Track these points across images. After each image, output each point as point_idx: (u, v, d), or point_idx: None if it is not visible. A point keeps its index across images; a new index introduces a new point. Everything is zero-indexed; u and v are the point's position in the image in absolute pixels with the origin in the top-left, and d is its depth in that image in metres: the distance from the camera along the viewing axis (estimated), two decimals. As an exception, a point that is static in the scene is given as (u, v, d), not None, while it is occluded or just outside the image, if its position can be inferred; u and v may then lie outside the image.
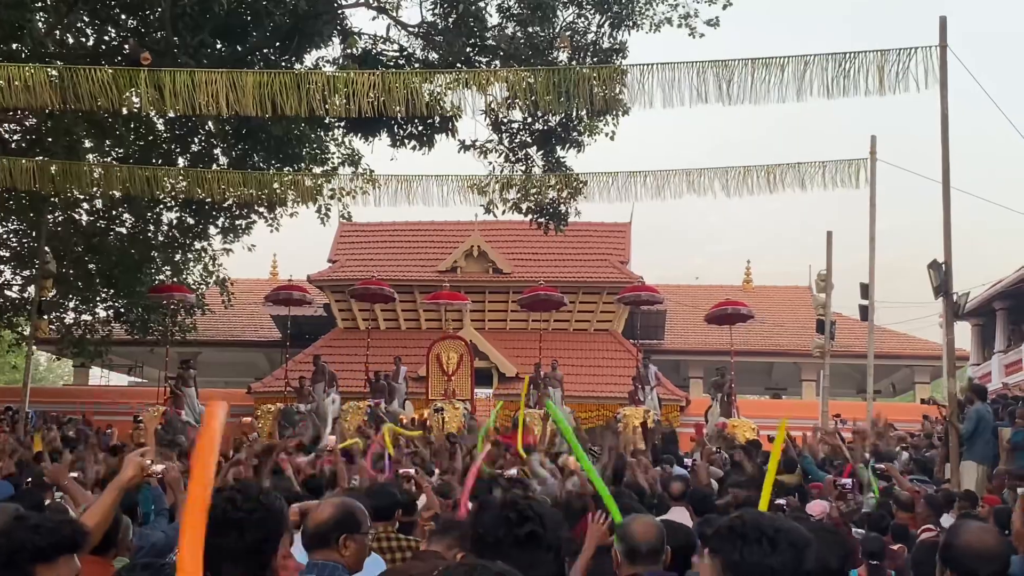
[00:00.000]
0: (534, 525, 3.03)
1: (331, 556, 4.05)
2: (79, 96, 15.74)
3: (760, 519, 2.92)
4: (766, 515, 3.03)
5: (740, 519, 2.94)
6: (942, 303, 15.11)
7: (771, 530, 2.85)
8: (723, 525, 2.98)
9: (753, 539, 2.84)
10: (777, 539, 2.83)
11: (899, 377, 37.94)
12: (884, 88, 13.89)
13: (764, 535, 2.84)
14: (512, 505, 3.13)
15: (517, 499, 3.15)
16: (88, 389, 34.73)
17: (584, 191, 20.23)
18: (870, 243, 22.56)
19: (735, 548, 2.86)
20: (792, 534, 2.86)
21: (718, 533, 2.96)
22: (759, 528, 2.86)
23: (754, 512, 3.07)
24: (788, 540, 2.84)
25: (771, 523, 2.90)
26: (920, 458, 15.58)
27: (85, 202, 27.54)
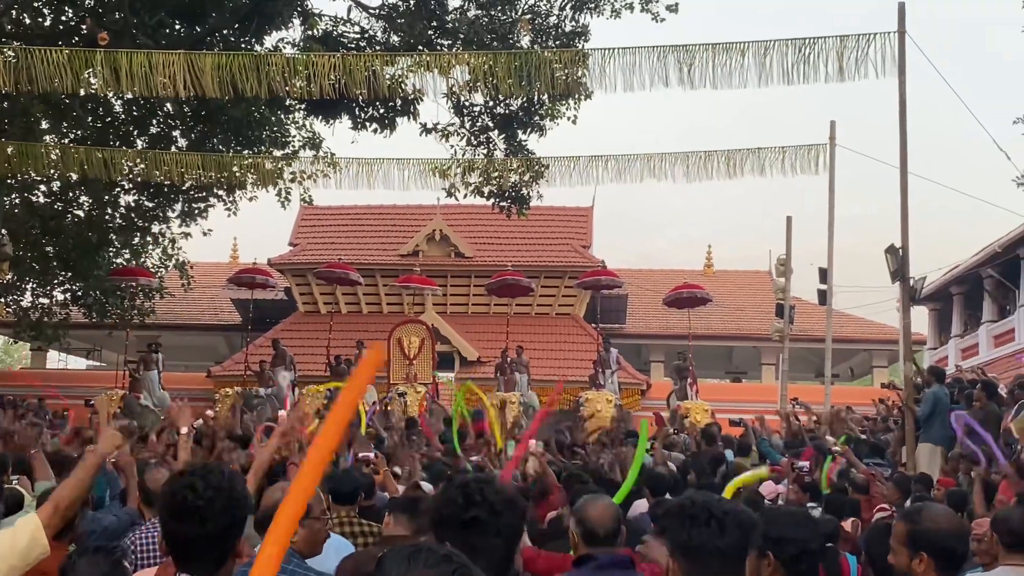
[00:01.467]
0: (479, 510, 3.02)
1: (289, 541, 4.03)
2: (34, 78, 15.57)
3: (709, 501, 2.96)
4: (715, 497, 3.07)
5: (690, 500, 2.97)
6: (899, 288, 15.25)
7: (719, 511, 2.89)
8: (673, 506, 3.02)
9: (702, 520, 2.88)
10: (725, 520, 2.87)
11: (857, 361, 38.27)
12: (844, 74, 13.99)
13: (712, 516, 2.88)
14: (462, 488, 3.13)
15: (469, 482, 3.15)
16: (45, 373, 34.41)
17: (546, 175, 20.26)
18: (829, 228, 22.73)
19: (684, 529, 2.90)
20: (740, 515, 2.91)
21: (668, 514, 3.00)
22: (707, 509, 2.90)
23: (704, 494, 3.11)
24: (736, 522, 2.88)
25: (719, 505, 2.94)
26: (875, 441, 15.71)
27: (42, 184, 27.27)
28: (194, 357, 36.35)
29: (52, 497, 4.63)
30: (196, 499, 3.26)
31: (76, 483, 4.64)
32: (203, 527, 3.24)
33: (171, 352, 30.14)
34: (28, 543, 4.38)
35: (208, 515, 3.23)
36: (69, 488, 4.62)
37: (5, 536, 4.43)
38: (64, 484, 4.72)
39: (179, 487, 3.36)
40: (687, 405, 24.69)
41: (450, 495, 3.12)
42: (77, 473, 4.66)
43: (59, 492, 4.63)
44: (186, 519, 3.27)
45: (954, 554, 3.89)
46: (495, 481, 3.17)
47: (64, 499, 4.54)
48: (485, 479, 3.20)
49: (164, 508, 3.46)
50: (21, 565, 4.38)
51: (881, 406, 20.92)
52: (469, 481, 3.16)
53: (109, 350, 36.59)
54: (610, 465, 11.25)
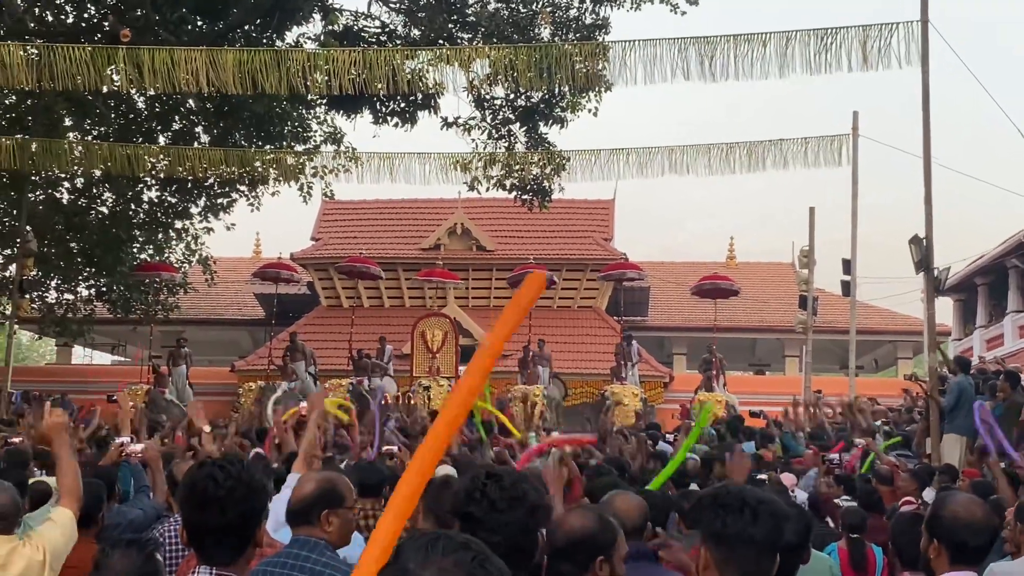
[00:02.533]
0: (476, 507, 3.06)
1: (314, 532, 4.04)
2: (56, 75, 15.64)
3: (743, 491, 2.97)
4: (748, 487, 3.08)
5: (724, 489, 2.99)
6: (923, 278, 15.17)
7: (753, 500, 2.90)
8: (706, 495, 3.03)
9: (735, 509, 2.89)
10: (759, 510, 2.88)
11: (881, 353, 38.08)
12: (867, 64, 13.92)
13: (746, 505, 2.89)
14: (468, 483, 3.16)
15: (477, 477, 3.18)
16: (71, 368, 34.61)
17: (567, 168, 20.24)
18: (852, 219, 22.62)
19: (717, 517, 2.91)
20: (773, 505, 2.92)
21: (701, 503, 3.01)
22: (741, 498, 2.91)
23: (737, 484, 3.13)
24: (769, 511, 2.89)
25: (753, 495, 2.95)
26: (901, 433, 15.64)
27: (66, 180, 27.42)
28: (218, 352, 36.50)
29: (70, 491, 4.74)
30: (216, 489, 3.30)
31: (71, 468, 4.78)
32: (223, 516, 3.27)
33: (195, 347, 30.28)
34: (70, 534, 4.54)
35: (228, 504, 3.26)
36: (71, 476, 4.77)
37: (52, 530, 4.54)
38: (64, 475, 4.83)
39: (199, 477, 3.40)
40: (700, 396, 24.65)
41: (458, 489, 3.15)
42: (63, 462, 4.82)
43: (66, 484, 4.77)
44: (206, 508, 3.30)
45: (966, 547, 3.88)
46: (508, 477, 3.17)
47: (74, 486, 4.69)
48: (498, 474, 3.20)
49: (185, 498, 3.50)
50: (65, 554, 4.53)
51: (907, 396, 20.84)
52: (479, 476, 3.18)
53: (133, 345, 36.77)
54: (631, 456, 11.23)
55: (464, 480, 3.21)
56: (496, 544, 2.83)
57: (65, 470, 4.82)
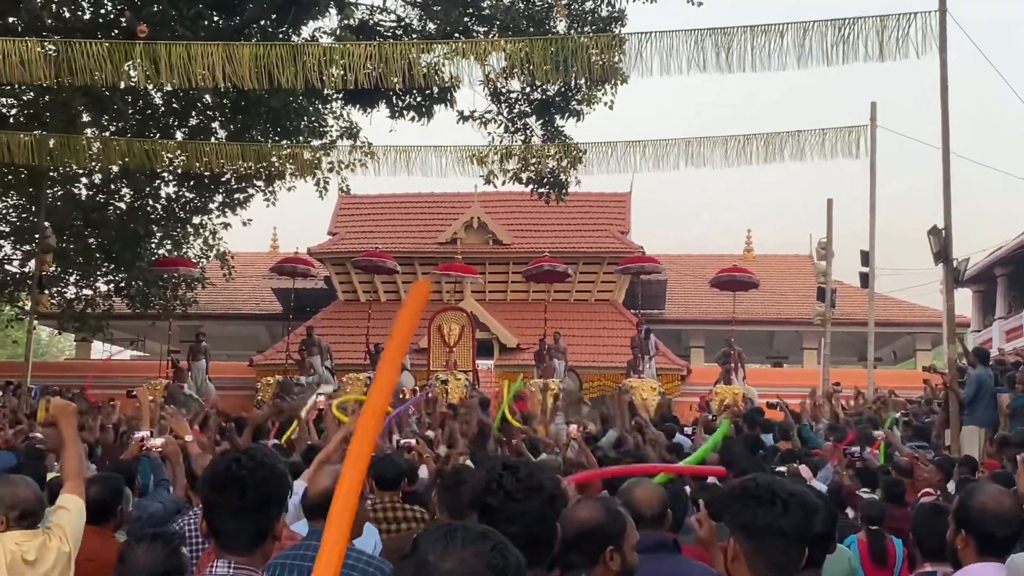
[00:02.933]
0: (492, 498, 3.06)
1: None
2: (74, 70, 15.69)
3: (773, 483, 2.97)
4: (778, 479, 3.09)
5: (754, 481, 2.99)
6: (942, 270, 15.11)
7: (784, 493, 2.91)
8: (737, 487, 3.03)
9: (766, 500, 2.90)
10: (789, 502, 2.89)
11: (900, 344, 37.94)
12: (884, 54, 13.84)
13: (777, 497, 2.89)
14: (486, 474, 3.17)
15: (494, 468, 3.18)
16: (90, 363, 34.78)
17: (583, 161, 20.21)
18: (870, 210, 22.57)
19: (748, 508, 2.91)
20: (804, 497, 2.93)
21: (731, 495, 3.01)
22: (772, 490, 2.92)
23: (767, 475, 3.13)
24: (800, 503, 2.90)
25: (783, 487, 2.96)
26: (919, 425, 15.60)
27: (84, 176, 27.55)
28: (236, 346, 36.60)
29: (76, 475, 4.78)
30: (239, 469, 3.31)
31: (75, 451, 4.82)
32: (243, 497, 3.28)
33: (213, 342, 30.36)
34: (82, 523, 4.55)
35: (248, 485, 3.27)
36: (76, 458, 4.80)
37: (68, 518, 4.58)
38: (68, 458, 4.87)
39: (223, 461, 3.43)
40: (717, 389, 24.62)
41: (476, 481, 3.16)
42: (69, 445, 4.85)
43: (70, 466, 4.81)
44: (226, 489, 3.31)
45: (993, 538, 3.88)
46: (524, 467, 3.17)
47: (77, 468, 4.74)
48: (514, 465, 3.20)
49: (206, 481, 3.51)
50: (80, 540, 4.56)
51: (927, 388, 20.78)
52: (495, 467, 3.19)
53: (152, 340, 36.91)
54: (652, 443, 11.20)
55: (481, 472, 3.21)
56: (514, 535, 2.83)
57: (69, 453, 4.84)
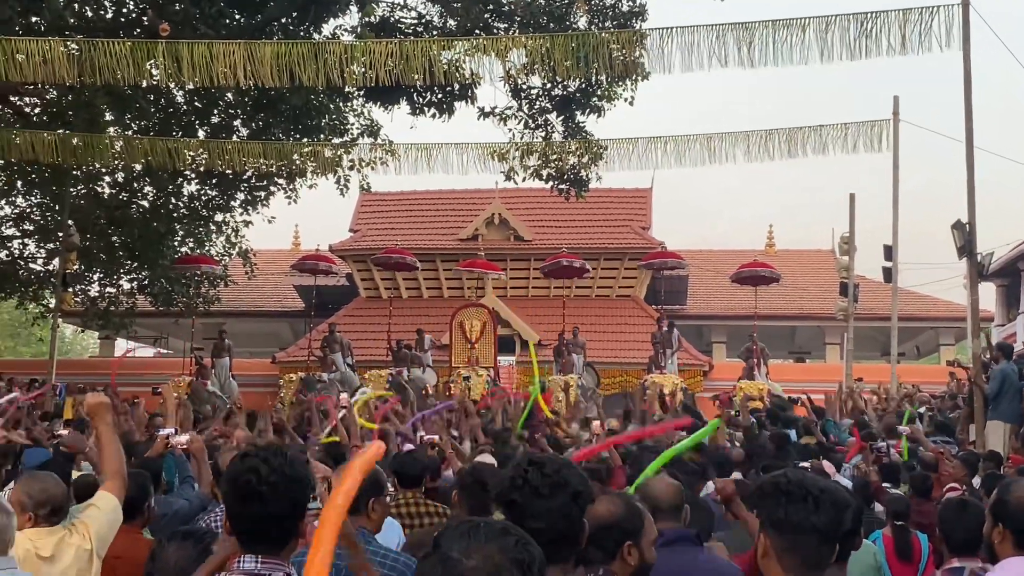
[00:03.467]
0: (518, 494, 3.07)
1: (359, 520, 4.07)
2: (96, 69, 15.76)
3: (804, 479, 2.97)
4: (810, 475, 3.08)
5: (785, 477, 2.99)
6: (966, 264, 15.04)
7: (816, 489, 2.91)
8: (767, 483, 3.03)
9: (798, 497, 2.89)
10: (821, 498, 2.89)
11: (923, 339, 37.80)
12: (907, 48, 13.77)
13: (809, 494, 2.89)
14: (512, 470, 3.18)
15: (519, 463, 3.19)
16: (114, 360, 34.98)
17: (604, 157, 20.18)
18: (893, 205, 22.45)
19: (779, 505, 2.91)
20: (835, 494, 2.92)
21: (762, 491, 3.01)
22: (803, 487, 2.91)
23: (798, 471, 3.13)
24: (831, 500, 2.90)
25: (815, 483, 2.95)
26: (943, 420, 15.53)
27: (107, 175, 27.69)
28: (259, 344, 36.75)
29: (115, 472, 4.76)
30: (259, 484, 3.31)
31: (115, 449, 4.80)
32: (265, 508, 3.28)
33: (236, 339, 30.51)
34: (115, 520, 4.55)
35: (271, 498, 3.27)
36: (116, 457, 4.78)
37: (95, 515, 4.57)
38: (109, 457, 4.85)
39: (242, 471, 3.41)
40: (741, 384, 24.57)
41: (502, 477, 3.17)
42: (108, 443, 4.83)
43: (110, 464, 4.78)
44: (249, 502, 3.32)
45: None
46: (550, 463, 3.18)
47: (117, 466, 4.72)
48: (540, 460, 3.21)
49: (228, 492, 3.52)
50: (110, 539, 4.54)
51: (953, 381, 20.69)
52: (521, 463, 3.20)
53: (175, 337, 37.10)
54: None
55: (507, 468, 3.22)
56: (539, 530, 2.84)
57: (108, 452, 4.82)
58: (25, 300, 31.89)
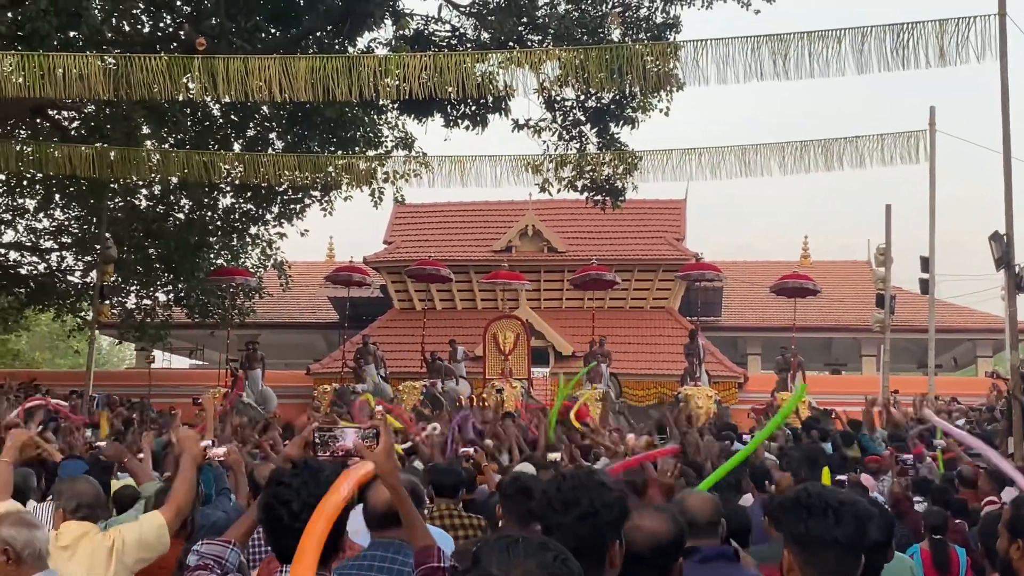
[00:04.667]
0: (541, 510, 3.08)
1: (400, 533, 4.06)
2: (133, 84, 15.88)
3: (825, 492, 2.95)
4: (830, 488, 3.06)
5: (805, 491, 2.96)
6: (1004, 275, 14.92)
7: (835, 502, 2.88)
8: (788, 497, 3.00)
9: (818, 511, 2.87)
10: (842, 511, 2.86)
11: (961, 351, 37.49)
12: (944, 59, 13.68)
13: (829, 507, 2.87)
14: (551, 484, 3.18)
15: (553, 481, 3.19)
16: (150, 372, 35.22)
17: (639, 168, 20.16)
18: (930, 216, 22.28)
19: (800, 520, 2.89)
20: (856, 506, 2.90)
21: (783, 505, 2.99)
22: (824, 500, 2.89)
23: (818, 485, 3.10)
24: (852, 512, 2.87)
25: (835, 496, 2.93)
26: (981, 432, 15.38)
27: (144, 188, 27.93)
28: (294, 355, 36.89)
29: (173, 499, 4.78)
30: (292, 520, 3.33)
31: (186, 481, 4.79)
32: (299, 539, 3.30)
33: (271, 350, 30.67)
34: (154, 539, 4.55)
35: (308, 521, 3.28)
36: (185, 488, 4.78)
37: (133, 528, 4.59)
38: (178, 485, 4.85)
39: (275, 503, 3.43)
40: (781, 396, 24.42)
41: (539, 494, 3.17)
42: (184, 473, 4.81)
43: (176, 493, 4.78)
44: (283, 536, 3.35)
45: None
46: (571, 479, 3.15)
47: (182, 498, 4.71)
48: (565, 475, 3.19)
49: (263, 520, 3.55)
50: (148, 557, 4.54)
51: (993, 393, 20.52)
52: (554, 481, 3.19)
53: (211, 349, 37.31)
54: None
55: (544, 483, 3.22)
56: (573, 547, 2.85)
57: (180, 480, 4.86)
58: (63, 312, 32.19)
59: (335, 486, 2.33)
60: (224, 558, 3.68)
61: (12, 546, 3.97)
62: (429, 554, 3.57)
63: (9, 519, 4.10)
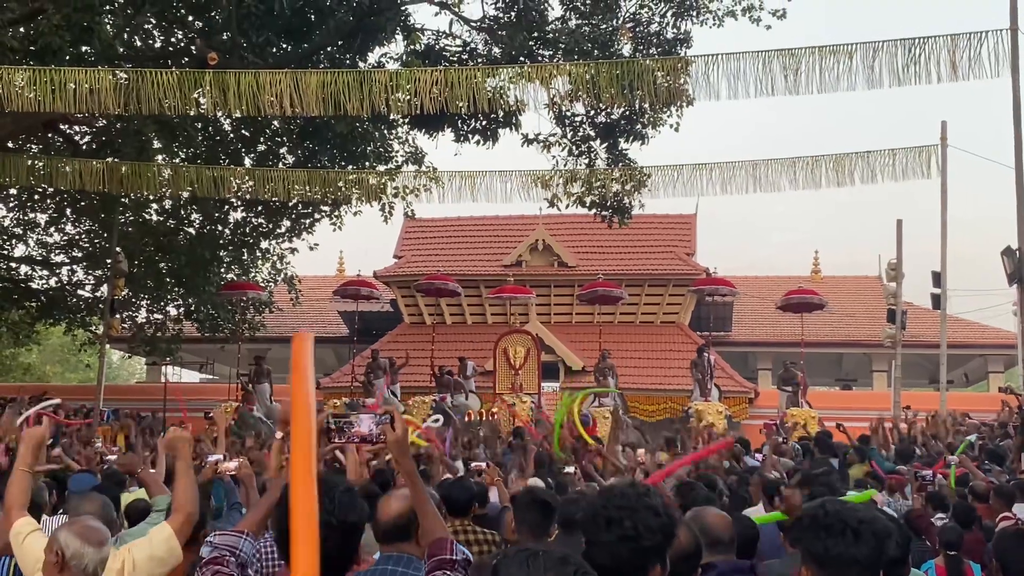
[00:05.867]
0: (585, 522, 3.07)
1: (409, 547, 4.05)
2: (143, 98, 15.91)
3: (842, 510, 2.91)
4: (848, 505, 3.03)
5: (823, 510, 2.93)
6: (1016, 291, 14.88)
7: (854, 521, 2.85)
8: (806, 515, 2.97)
9: (837, 530, 2.84)
10: (860, 530, 2.83)
11: (972, 367, 37.36)
12: (957, 74, 13.66)
13: (848, 526, 2.83)
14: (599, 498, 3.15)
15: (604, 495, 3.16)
16: (161, 386, 35.25)
17: (648, 184, 20.14)
18: (942, 231, 22.20)
19: (818, 539, 2.86)
20: (875, 524, 2.86)
21: (800, 524, 2.96)
22: (842, 519, 2.86)
23: (836, 502, 3.07)
24: (871, 530, 2.84)
25: (853, 513, 2.89)
26: (994, 448, 15.31)
27: (155, 202, 27.98)
28: (303, 369, 36.81)
29: (177, 505, 4.75)
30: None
31: (189, 486, 4.78)
32: (320, 548, 3.29)
33: (281, 364, 30.64)
34: (165, 552, 4.52)
35: (323, 538, 3.26)
36: (190, 494, 4.76)
37: (143, 545, 4.56)
38: (183, 492, 4.83)
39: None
40: (792, 412, 24.34)
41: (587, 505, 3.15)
42: (183, 479, 4.81)
43: (181, 501, 4.76)
44: None
45: None
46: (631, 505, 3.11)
47: (188, 504, 4.69)
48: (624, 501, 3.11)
49: (277, 540, 3.54)
50: (162, 572, 4.51)
51: (1005, 409, 20.42)
52: (603, 495, 3.16)
53: (221, 363, 37.34)
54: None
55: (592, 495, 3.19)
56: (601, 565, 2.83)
57: (179, 486, 4.83)
58: (73, 326, 32.26)
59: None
60: (238, 548, 3.69)
61: (63, 552, 3.99)
62: (442, 545, 3.56)
63: (75, 526, 4.14)
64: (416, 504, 3.78)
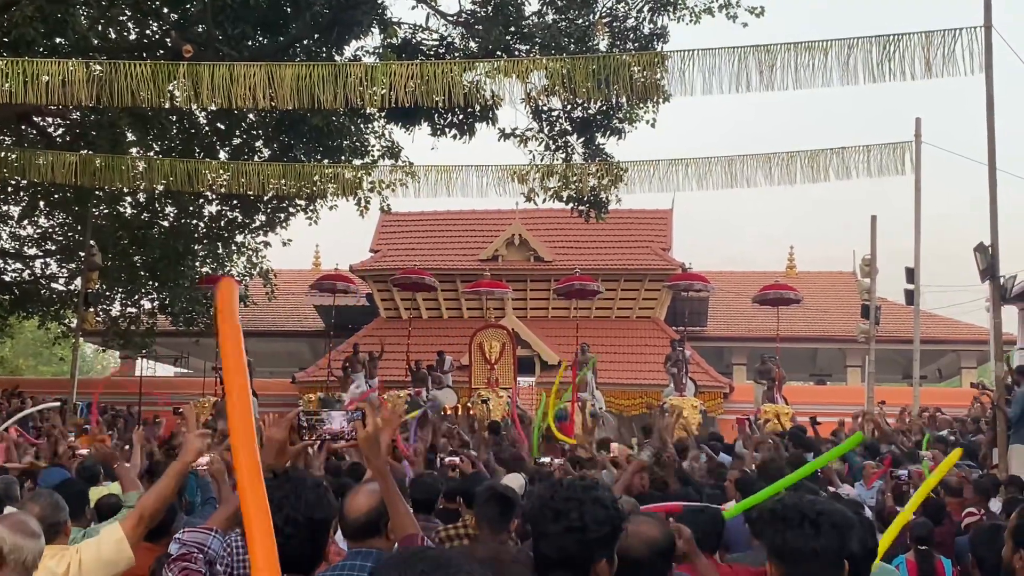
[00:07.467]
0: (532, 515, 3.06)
1: (378, 543, 4.03)
2: (116, 91, 15.78)
3: (801, 503, 2.91)
4: (807, 498, 3.02)
5: (781, 503, 2.93)
6: (989, 287, 14.95)
7: (812, 512, 2.84)
8: (765, 509, 2.97)
9: (795, 523, 2.83)
10: (819, 521, 2.82)
11: (945, 362, 37.58)
12: (931, 71, 13.72)
13: (806, 517, 2.83)
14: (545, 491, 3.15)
15: (551, 488, 3.16)
16: (134, 380, 35.07)
17: (625, 179, 20.14)
18: (915, 228, 22.30)
19: (777, 532, 2.85)
20: (834, 516, 2.85)
21: (760, 517, 2.96)
22: (800, 511, 2.85)
23: (795, 495, 3.06)
24: (830, 522, 2.83)
25: (812, 506, 2.89)
26: (966, 443, 15.39)
27: (129, 195, 27.81)
28: (279, 363, 36.76)
29: (137, 507, 4.66)
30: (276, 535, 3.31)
31: (161, 491, 4.66)
32: (284, 553, 3.28)
33: (256, 359, 30.53)
34: (114, 554, 4.43)
35: (288, 546, 3.24)
36: (154, 497, 4.65)
37: (91, 546, 4.49)
38: (150, 493, 4.75)
39: None
40: (765, 408, 24.42)
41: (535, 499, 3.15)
42: (163, 481, 4.70)
43: (144, 501, 4.66)
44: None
45: None
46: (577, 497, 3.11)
47: (149, 508, 4.57)
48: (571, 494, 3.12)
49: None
50: (109, 574, 4.43)
51: (976, 405, 20.53)
52: (549, 488, 3.16)
53: (196, 357, 37.17)
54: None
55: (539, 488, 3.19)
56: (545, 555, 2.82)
57: (155, 487, 4.72)
58: (47, 319, 32.07)
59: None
60: (207, 545, 3.67)
61: (1, 548, 3.91)
62: (413, 542, 3.56)
63: (10, 519, 4.03)
64: (387, 500, 3.77)
